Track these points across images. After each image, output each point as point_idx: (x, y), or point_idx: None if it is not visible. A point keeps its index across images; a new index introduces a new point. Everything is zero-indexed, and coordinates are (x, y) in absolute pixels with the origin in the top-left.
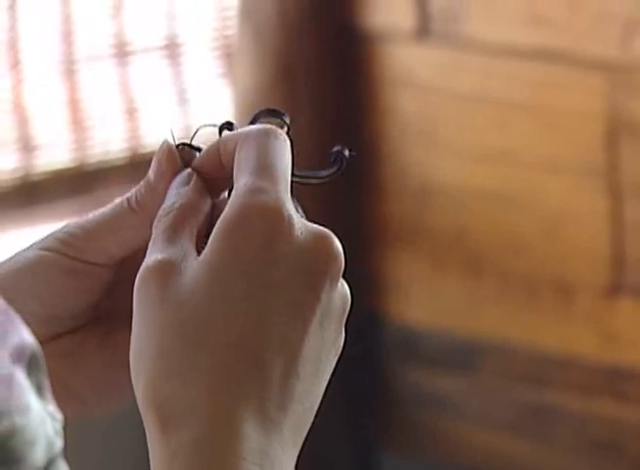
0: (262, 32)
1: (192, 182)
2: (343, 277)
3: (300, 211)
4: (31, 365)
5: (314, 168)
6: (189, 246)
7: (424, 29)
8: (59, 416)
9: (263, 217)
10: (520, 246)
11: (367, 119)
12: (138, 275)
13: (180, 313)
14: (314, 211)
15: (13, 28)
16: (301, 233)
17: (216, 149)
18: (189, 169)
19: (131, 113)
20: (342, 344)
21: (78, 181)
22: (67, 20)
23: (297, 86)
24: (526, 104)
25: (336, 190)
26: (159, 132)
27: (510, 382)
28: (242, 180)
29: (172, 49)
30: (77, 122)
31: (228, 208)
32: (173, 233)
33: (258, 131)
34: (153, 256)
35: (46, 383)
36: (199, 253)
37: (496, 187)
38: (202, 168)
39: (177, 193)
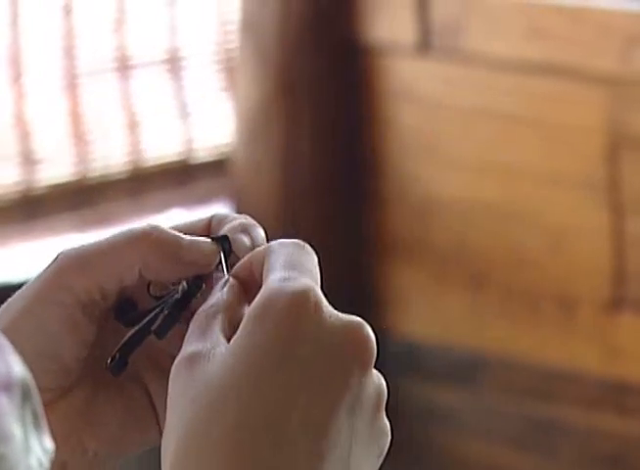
0: (264, 46)
1: (227, 285)
2: (345, 291)
3: None
4: (25, 395)
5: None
6: (219, 337)
7: (425, 43)
8: (49, 447)
9: (290, 301)
10: (522, 260)
11: (368, 133)
12: (172, 368)
13: (206, 393)
14: (316, 225)
15: (15, 42)
16: (330, 317)
17: (248, 260)
18: (228, 276)
19: (133, 127)
20: (385, 446)
21: (80, 195)
22: (68, 34)
23: (298, 100)
24: (528, 117)
25: (337, 204)
26: (160, 146)
27: (512, 396)
28: (270, 276)
29: (174, 63)
30: (79, 136)
31: (257, 297)
32: (205, 328)
33: (285, 242)
34: (184, 349)
35: (41, 412)
36: None
37: (498, 201)
38: (237, 276)
39: (215, 296)
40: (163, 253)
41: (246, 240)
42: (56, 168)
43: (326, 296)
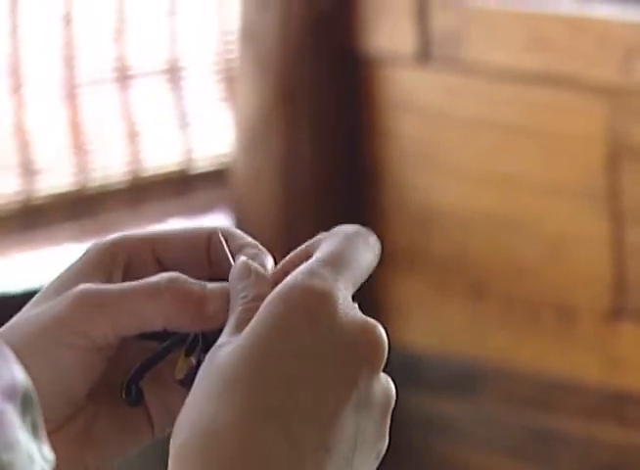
0: (264, 56)
1: (252, 275)
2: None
3: None
4: (26, 404)
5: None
6: None
7: (425, 53)
8: (50, 457)
9: (307, 296)
10: (522, 269)
11: (368, 143)
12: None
13: (220, 376)
14: (315, 234)
15: (15, 52)
16: (346, 315)
17: (306, 247)
18: (243, 259)
19: (132, 136)
20: (383, 449)
21: (79, 205)
22: (68, 44)
23: (298, 110)
24: (528, 127)
25: (337, 213)
26: (160, 156)
27: (512, 406)
28: (305, 264)
29: (174, 73)
30: (79, 146)
31: (279, 285)
32: (241, 323)
33: (349, 228)
34: (218, 341)
35: (40, 421)
36: None
37: (498, 211)
38: (293, 260)
39: (243, 286)
40: (187, 310)
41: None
42: (55, 178)
43: None
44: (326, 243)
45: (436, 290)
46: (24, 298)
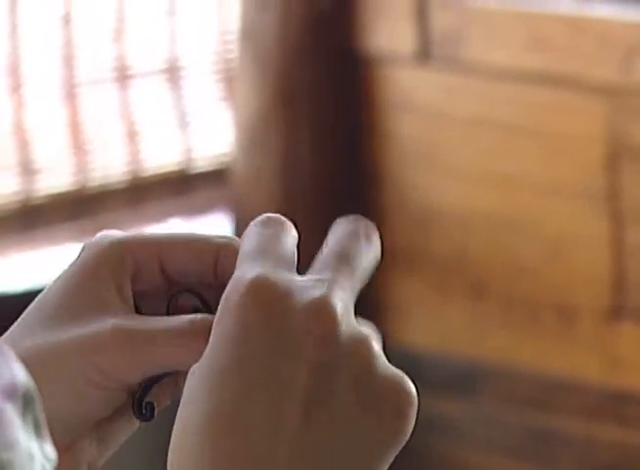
0: (263, 56)
1: None
2: None
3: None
4: (27, 402)
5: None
6: None
7: (425, 53)
8: (52, 456)
9: (237, 305)
10: (521, 269)
11: (368, 143)
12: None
13: (187, 392)
14: (315, 235)
15: (14, 52)
16: (284, 311)
17: None
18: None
19: (132, 136)
20: (401, 397)
21: (79, 205)
22: (68, 43)
23: (297, 110)
24: (528, 127)
25: (337, 213)
26: (159, 156)
27: (512, 406)
28: (234, 274)
29: (173, 73)
30: (78, 146)
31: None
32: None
33: (251, 224)
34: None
35: (42, 420)
36: None
37: (498, 211)
38: None
39: None
40: None
41: None
42: (55, 178)
43: None
44: (241, 246)
45: (436, 290)
46: (24, 298)
